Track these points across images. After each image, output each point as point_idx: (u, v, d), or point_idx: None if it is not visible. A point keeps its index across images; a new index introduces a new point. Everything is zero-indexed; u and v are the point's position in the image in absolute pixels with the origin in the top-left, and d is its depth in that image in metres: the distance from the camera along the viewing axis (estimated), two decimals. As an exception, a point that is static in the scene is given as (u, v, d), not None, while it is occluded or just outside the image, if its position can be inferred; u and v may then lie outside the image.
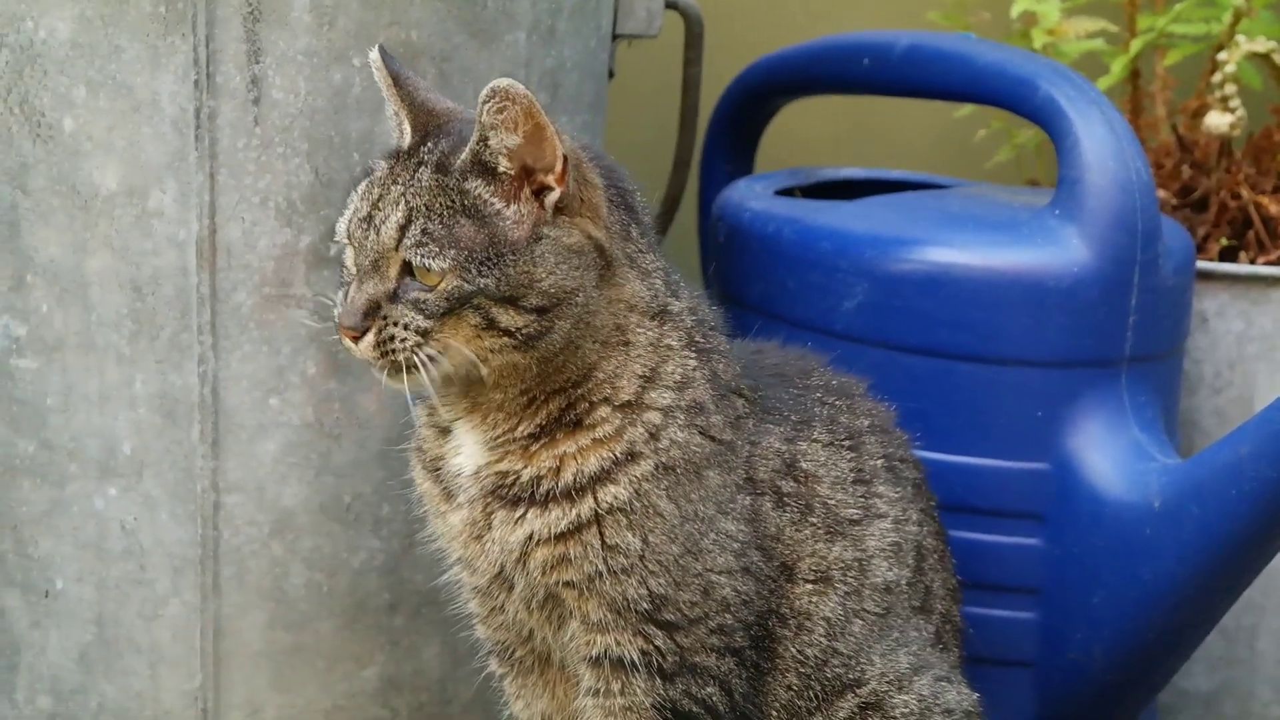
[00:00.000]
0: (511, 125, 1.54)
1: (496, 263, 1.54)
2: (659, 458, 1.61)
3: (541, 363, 1.58)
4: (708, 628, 1.64)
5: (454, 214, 1.55)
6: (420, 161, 1.58)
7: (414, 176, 1.57)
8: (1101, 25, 2.48)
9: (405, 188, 1.56)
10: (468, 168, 1.56)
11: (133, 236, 1.87)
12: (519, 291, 1.55)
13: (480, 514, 1.64)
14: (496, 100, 1.53)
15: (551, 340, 1.57)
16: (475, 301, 1.54)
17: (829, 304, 2.07)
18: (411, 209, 1.55)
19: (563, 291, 1.56)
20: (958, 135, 2.81)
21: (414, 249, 1.54)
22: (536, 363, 1.58)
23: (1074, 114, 2.03)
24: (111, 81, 1.84)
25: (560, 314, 1.57)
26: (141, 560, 1.94)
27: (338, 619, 1.98)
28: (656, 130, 2.59)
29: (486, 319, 1.55)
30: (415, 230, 1.54)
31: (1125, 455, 1.97)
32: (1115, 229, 1.99)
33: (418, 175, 1.57)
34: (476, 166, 1.56)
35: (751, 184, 2.35)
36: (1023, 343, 1.99)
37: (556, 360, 1.59)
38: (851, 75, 2.32)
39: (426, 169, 1.57)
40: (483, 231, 1.55)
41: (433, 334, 1.55)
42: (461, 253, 1.54)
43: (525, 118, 1.54)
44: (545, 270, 1.56)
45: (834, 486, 1.71)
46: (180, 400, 1.90)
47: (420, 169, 1.57)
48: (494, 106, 1.53)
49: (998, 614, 2.01)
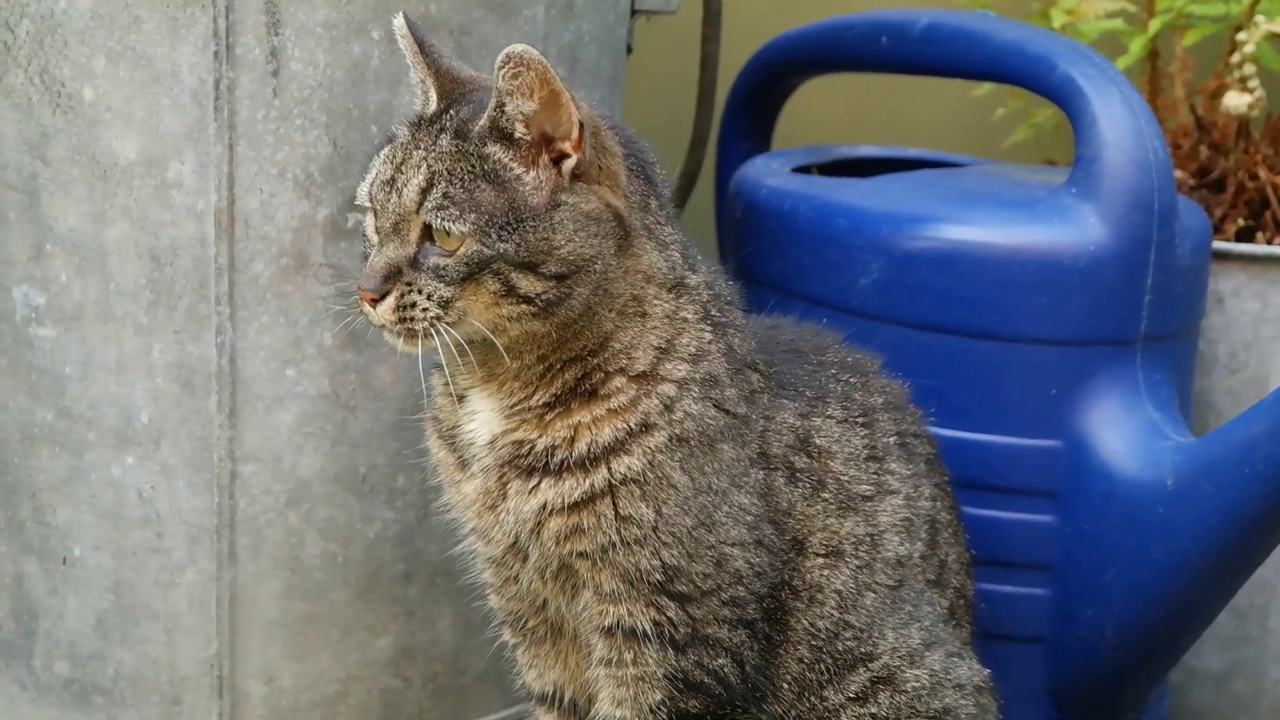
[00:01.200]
0: (527, 91, 1.54)
1: (516, 228, 1.54)
2: (673, 429, 1.61)
3: (560, 329, 1.59)
4: (720, 599, 1.64)
5: (474, 178, 1.55)
6: (442, 127, 1.59)
7: (435, 141, 1.58)
8: (1120, 5, 2.47)
9: (427, 152, 1.57)
10: (486, 133, 1.56)
11: (151, 207, 1.88)
12: (538, 258, 1.55)
13: (495, 483, 1.64)
14: (511, 66, 1.53)
15: (570, 307, 1.57)
16: (495, 267, 1.54)
17: (845, 281, 2.07)
18: (433, 173, 1.56)
19: (581, 258, 1.56)
20: (976, 114, 2.80)
21: (435, 212, 1.55)
22: (555, 329, 1.58)
23: (1092, 93, 2.03)
24: (131, 52, 1.84)
25: (579, 281, 1.57)
26: (158, 528, 1.95)
27: (352, 589, 1.99)
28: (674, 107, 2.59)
29: (506, 285, 1.55)
30: (436, 194, 1.55)
31: (1139, 434, 1.97)
32: (1132, 208, 1.98)
33: (439, 140, 1.57)
34: (494, 132, 1.56)
35: (769, 161, 2.35)
36: (1038, 321, 1.99)
37: (574, 327, 1.59)
38: (869, 53, 2.32)
39: (447, 134, 1.58)
40: (502, 196, 1.55)
41: (453, 302, 1.55)
42: (482, 217, 1.54)
43: (540, 83, 1.54)
44: (564, 237, 1.56)
45: (847, 463, 1.71)
46: (198, 370, 1.91)
47: (442, 134, 1.58)
48: (509, 72, 1.53)
49: (1010, 590, 2.01)
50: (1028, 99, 2.56)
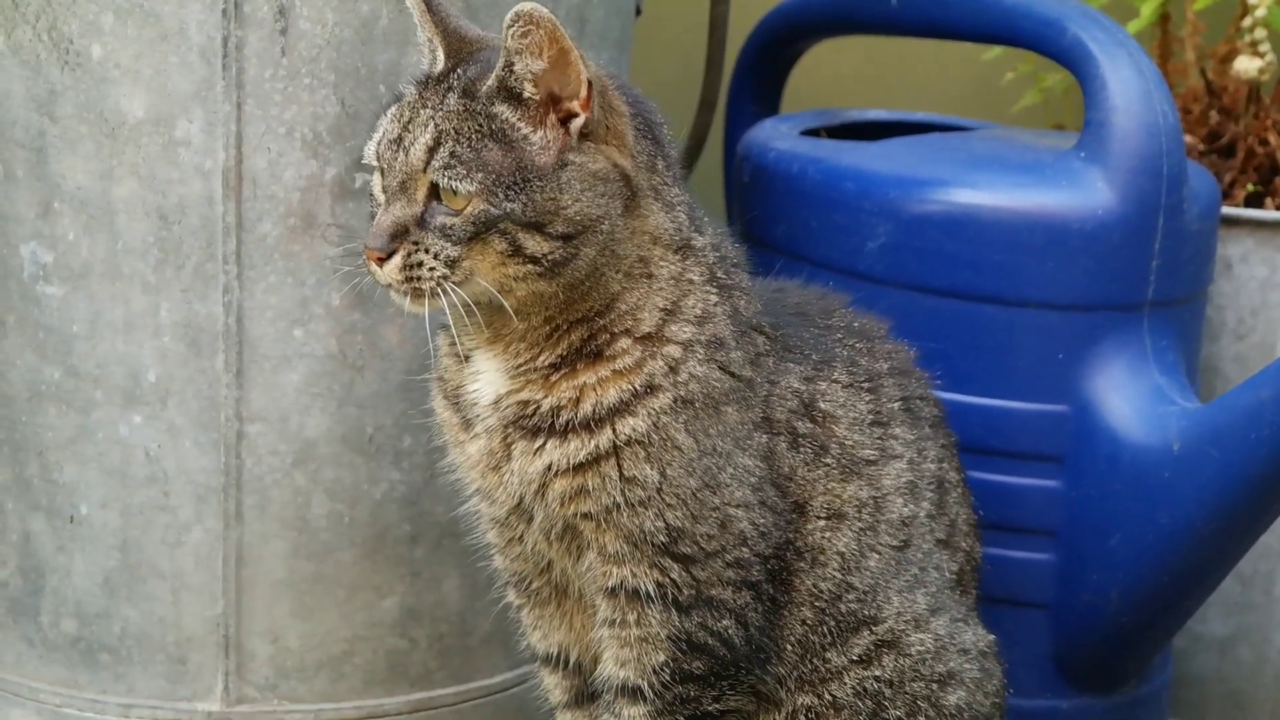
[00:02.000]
0: (536, 50, 1.54)
1: (523, 187, 1.54)
2: (678, 391, 1.61)
3: (567, 290, 1.58)
4: (724, 561, 1.64)
5: (481, 138, 1.55)
6: (450, 86, 1.58)
7: (443, 100, 1.57)
8: (1132, -32, 2.46)
9: (435, 111, 1.57)
10: (494, 93, 1.56)
11: (159, 165, 1.87)
12: (545, 218, 1.55)
13: (499, 444, 1.64)
14: (520, 24, 1.53)
15: (577, 267, 1.57)
16: (501, 226, 1.54)
17: (852, 244, 2.07)
18: (441, 131, 1.56)
19: (588, 218, 1.56)
20: (985, 78, 2.79)
21: (442, 171, 1.54)
22: (562, 290, 1.58)
23: (1102, 56, 2.03)
24: (140, 9, 1.84)
25: (586, 241, 1.57)
26: (165, 487, 1.95)
27: (358, 549, 1.99)
28: (683, 69, 2.58)
29: (513, 245, 1.55)
30: (444, 152, 1.55)
31: (1145, 399, 1.97)
32: (1140, 173, 1.98)
33: (446, 99, 1.57)
34: (503, 92, 1.56)
35: (777, 124, 2.35)
36: (1045, 285, 1.99)
37: (581, 288, 1.59)
38: (879, 15, 2.31)
39: (455, 93, 1.57)
40: (510, 156, 1.55)
41: (460, 262, 1.55)
42: (489, 176, 1.54)
43: (550, 42, 1.54)
44: (571, 197, 1.56)
45: (851, 428, 1.71)
46: (205, 329, 1.91)
47: (449, 93, 1.58)
48: (518, 31, 1.53)
49: (1015, 555, 2.02)
50: (1038, 63, 2.55)
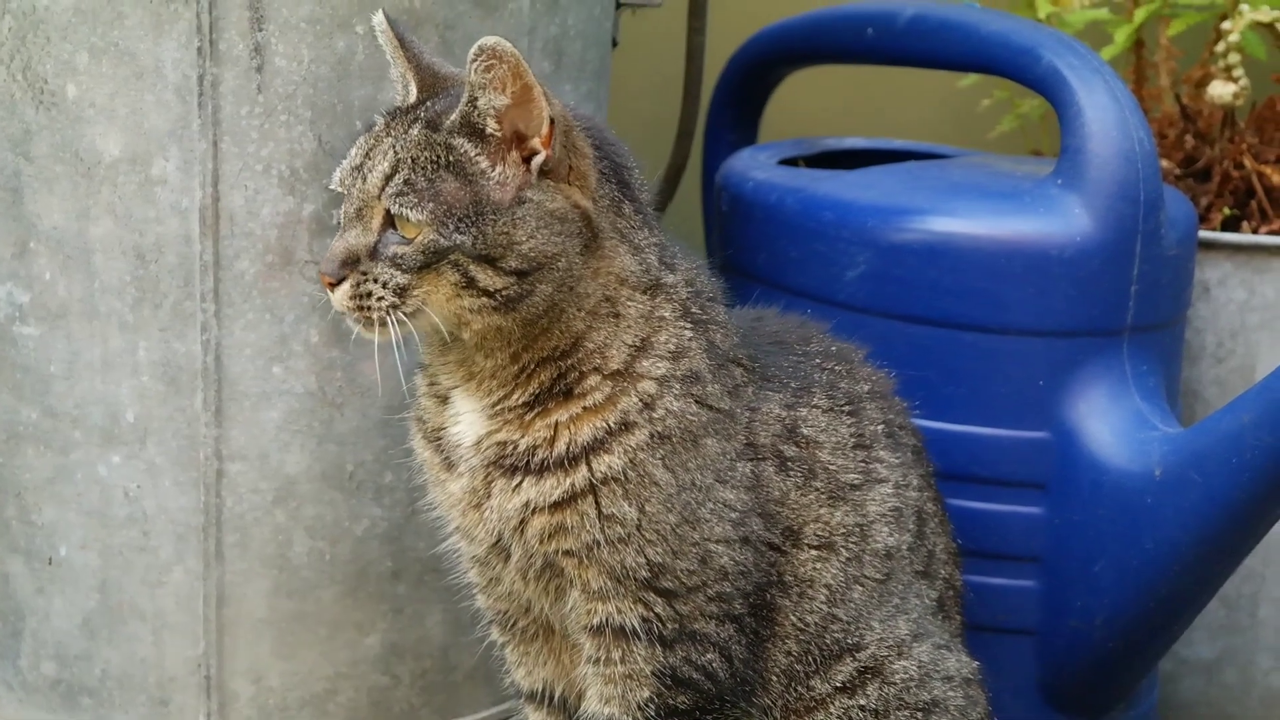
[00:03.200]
0: (499, 85, 1.54)
1: (475, 221, 1.54)
2: (654, 427, 1.60)
3: (524, 326, 1.58)
4: (706, 595, 1.64)
5: (438, 168, 1.55)
6: (416, 117, 1.59)
7: (407, 130, 1.58)
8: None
9: (396, 140, 1.58)
10: (455, 126, 1.56)
11: (136, 204, 1.87)
12: (497, 252, 1.55)
13: (481, 483, 1.64)
14: (484, 59, 1.53)
15: (533, 304, 1.57)
16: (453, 258, 1.54)
17: (831, 273, 2.07)
18: (398, 159, 1.56)
19: (543, 256, 1.56)
20: (961, 105, 2.79)
21: (395, 197, 1.55)
22: (519, 326, 1.58)
23: (1077, 83, 2.03)
24: (114, 48, 1.83)
25: (540, 278, 1.57)
26: (145, 527, 1.94)
27: (340, 586, 1.98)
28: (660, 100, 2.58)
29: (465, 277, 1.55)
30: (398, 180, 1.55)
31: (1127, 424, 1.96)
32: (1118, 198, 1.98)
33: (410, 130, 1.58)
34: (465, 126, 1.56)
35: (755, 154, 2.35)
36: (1025, 312, 1.99)
37: (540, 324, 1.59)
38: (855, 45, 2.32)
39: (419, 124, 1.58)
40: (465, 189, 1.55)
41: (410, 290, 1.55)
42: (440, 207, 1.54)
43: (513, 77, 1.54)
44: (525, 233, 1.55)
45: (835, 451, 1.71)
46: (183, 368, 1.90)
47: (414, 124, 1.58)
48: (481, 65, 1.53)
49: (999, 582, 2.01)
50: (1013, 89, 2.56)
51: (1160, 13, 2.43)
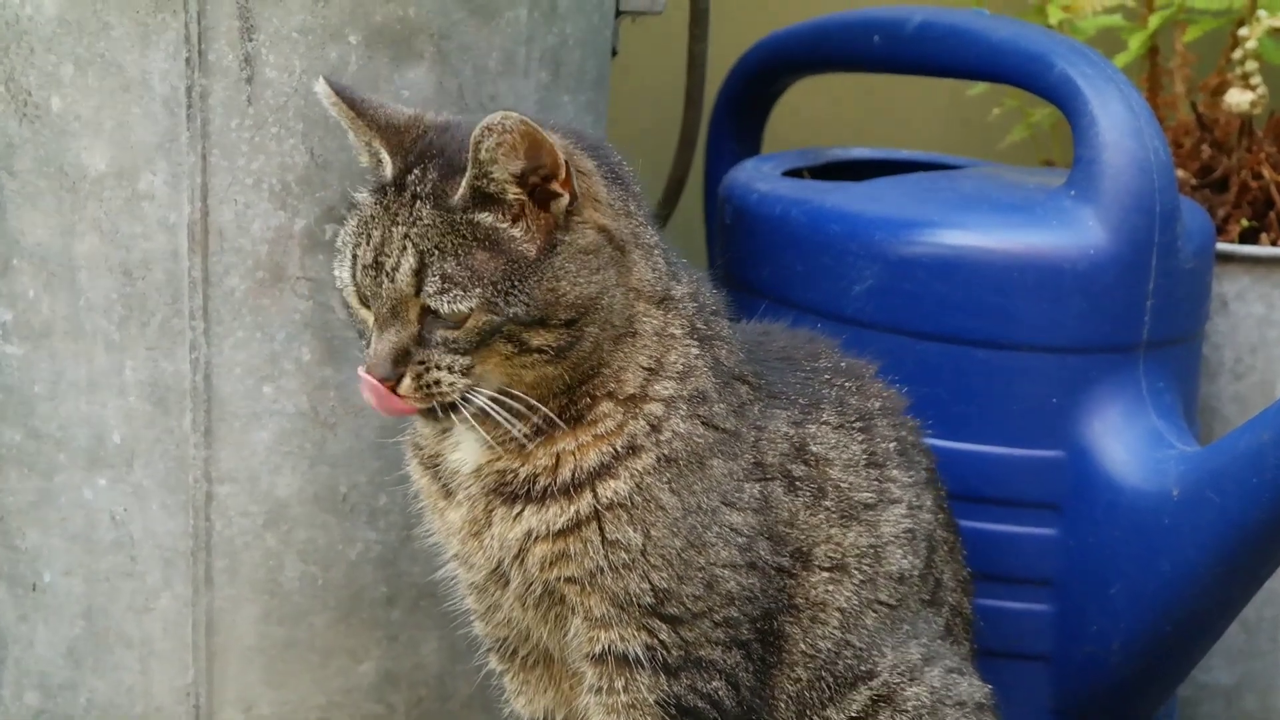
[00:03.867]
0: (510, 153, 1.53)
1: (520, 286, 1.53)
2: (661, 450, 1.60)
3: (572, 369, 1.58)
4: (712, 621, 1.64)
5: (468, 249, 1.53)
6: (415, 195, 1.56)
7: (412, 214, 1.55)
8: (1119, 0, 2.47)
9: (408, 228, 1.54)
10: (469, 201, 1.54)
11: (122, 219, 1.87)
12: (548, 310, 1.54)
13: (481, 511, 1.64)
14: (494, 138, 1.51)
15: (582, 348, 1.57)
16: (505, 330, 1.53)
17: (838, 288, 2.07)
18: (422, 253, 1.53)
19: (588, 298, 1.56)
20: (971, 114, 2.80)
21: (438, 297, 1.52)
22: (568, 370, 1.58)
23: (1090, 92, 2.03)
24: (100, 59, 1.83)
25: (589, 320, 1.57)
26: (132, 552, 1.93)
27: (333, 612, 1.98)
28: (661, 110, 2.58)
29: (519, 344, 1.54)
30: (434, 276, 1.53)
31: (1143, 443, 1.97)
32: (1133, 210, 1.98)
33: (416, 212, 1.55)
34: (479, 198, 1.54)
35: (759, 165, 2.34)
36: (1038, 327, 1.99)
37: (586, 363, 1.59)
38: (861, 53, 2.32)
39: (425, 204, 1.55)
40: (499, 259, 1.53)
41: (473, 369, 1.55)
42: (486, 288, 1.52)
43: (522, 140, 1.52)
44: (569, 281, 1.55)
45: (846, 469, 1.71)
46: (171, 388, 1.90)
47: (416, 204, 1.55)
48: (491, 144, 1.51)
49: (1012, 606, 2.01)
50: (1024, 98, 2.56)
51: (1175, 19, 2.44)
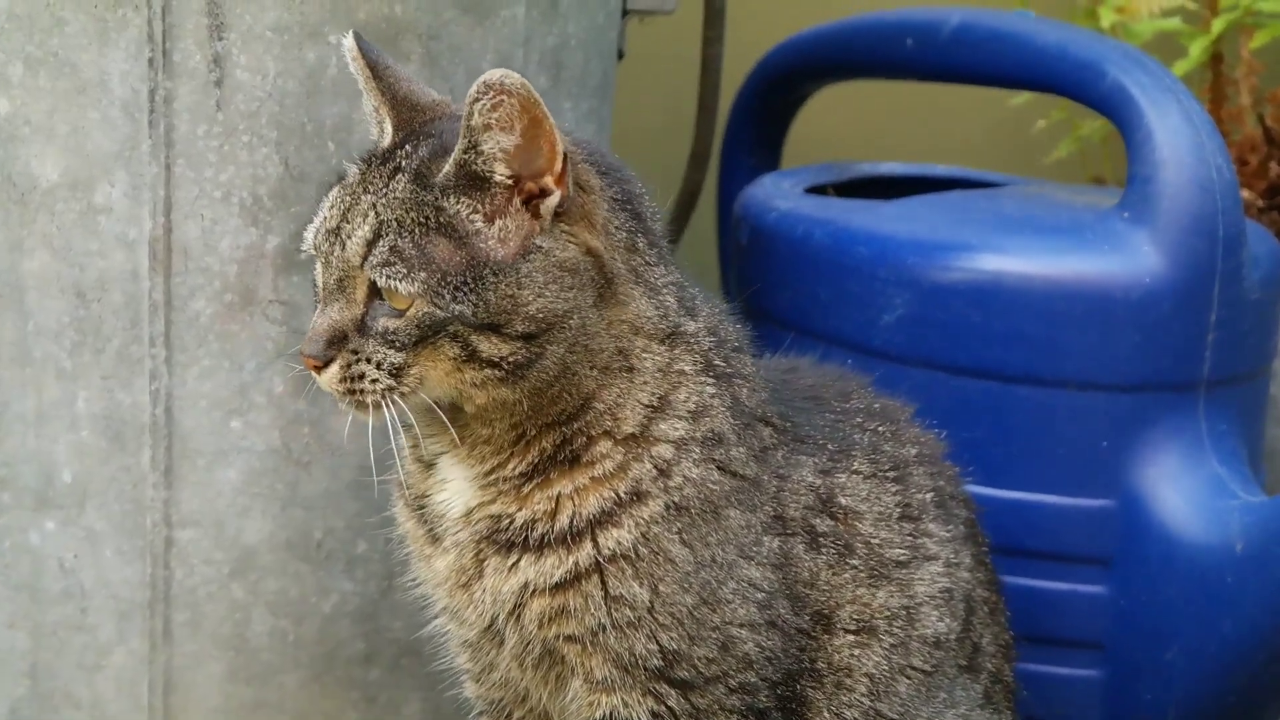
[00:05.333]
0: (507, 124, 1.52)
1: (475, 286, 1.52)
2: (670, 497, 1.59)
3: (533, 395, 1.57)
4: (727, 686, 1.62)
5: (427, 231, 1.53)
6: (397, 167, 1.56)
7: (388, 185, 1.55)
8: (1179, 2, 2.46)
9: (377, 197, 1.55)
10: (450, 181, 1.54)
11: (76, 235, 1.86)
12: (502, 317, 1.53)
13: (471, 560, 1.63)
14: (491, 96, 1.50)
15: (544, 369, 1.55)
16: (451, 329, 1.53)
17: (866, 317, 2.08)
18: (381, 223, 1.54)
19: (553, 314, 1.54)
20: (1013, 127, 2.81)
21: (380, 268, 1.53)
22: (528, 396, 1.57)
23: (1146, 103, 2.04)
24: (53, 58, 1.83)
25: (552, 339, 1.55)
26: (82, 603, 1.93)
27: (305, 671, 1.97)
28: (672, 118, 2.59)
29: (467, 349, 1.53)
30: (383, 248, 1.53)
31: (1203, 491, 1.97)
32: (1193, 234, 1.99)
33: (392, 184, 1.55)
34: (463, 179, 1.54)
35: (778, 180, 2.36)
36: (1087, 363, 2.00)
37: (550, 391, 1.57)
38: (893, 58, 2.34)
39: (403, 177, 1.55)
40: (461, 251, 1.53)
41: (407, 370, 1.54)
42: (434, 275, 1.52)
43: (522, 111, 1.51)
44: (532, 292, 1.54)
45: (877, 524, 1.70)
46: (129, 421, 1.89)
47: (396, 176, 1.56)
48: (487, 104, 1.50)
49: (1057, 671, 2.02)
50: (1072, 109, 2.57)
51: (1242, 22, 2.44)
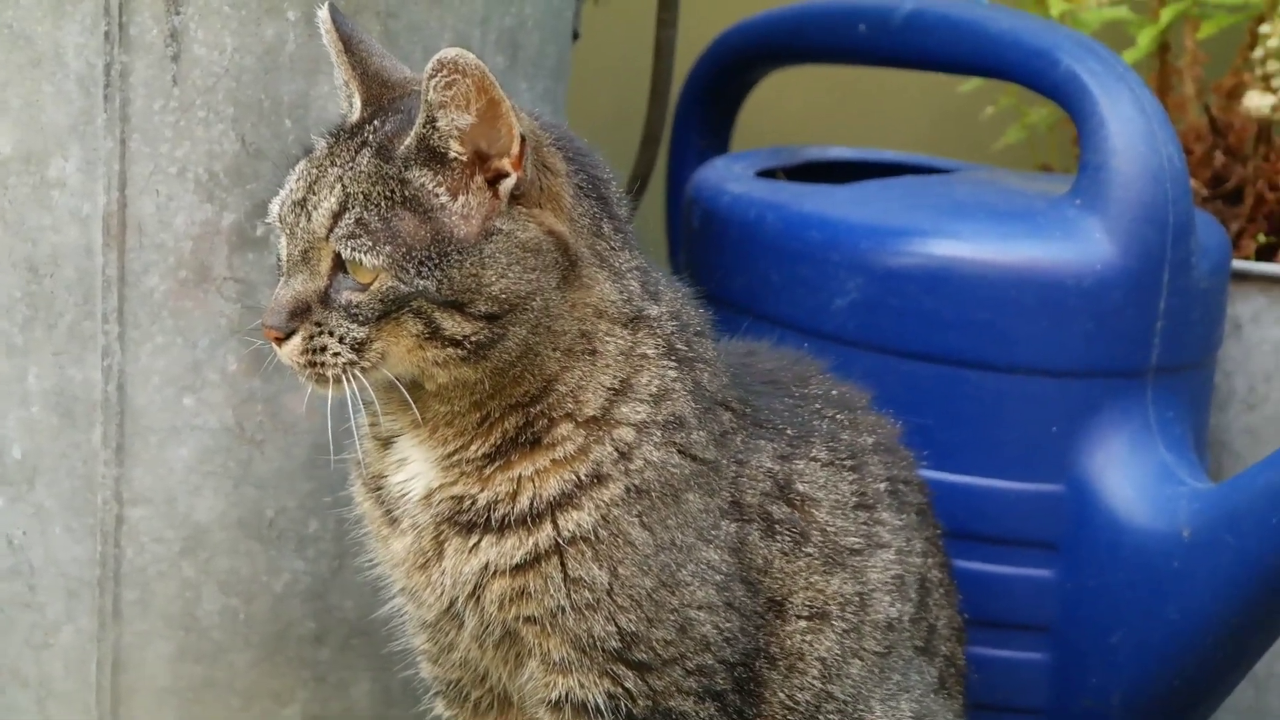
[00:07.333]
0: (463, 102, 1.53)
1: (439, 262, 1.53)
2: (630, 480, 1.60)
3: (495, 375, 1.57)
4: (684, 668, 1.63)
5: (393, 204, 1.54)
6: (364, 141, 1.57)
7: (354, 159, 1.56)
8: (1127, -10, 2.48)
9: (343, 170, 1.56)
10: (412, 154, 1.55)
11: (29, 209, 1.86)
12: (465, 296, 1.54)
13: (430, 542, 1.63)
14: (445, 74, 1.51)
15: (506, 349, 1.56)
16: (415, 305, 1.53)
17: (818, 301, 2.07)
18: (348, 195, 1.55)
19: (516, 295, 1.55)
20: (962, 112, 2.81)
21: (345, 240, 1.53)
22: (489, 376, 1.57)
23: (1099, 91, 2.04)
24: (8, 30, 1.82)
25: (514, 320, 1.56)
26: (30, 581, 1.93)
27: (256, 650, 1.97)
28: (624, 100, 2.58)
29: (430, 326, 1.54)
30: (349, 219, 1.54)
31: (1150, 477, 1.97)
32: (1144, 222, 1.99)
33: (359, 158, 1.56)
34: (423, 153, 1.55)
35: (730, 163, 2.35)
36: (1037, 349, 2.00)
37: (512, 372, 1.58)
38: (845, 42, 2.33)
39: (368, 151, 1.56)
40: (425, 226, 1.54)
41: (369, 345, 1.55)
42: (399, 249, 1.53)
43: (478, 92, 1.52)
44: (496, 272, 1.54)
45: (833, 512, 1.71)
46: (80, 398, 1.89)
47: (362, 150, 1.57)
48: (441, 81, 1.51)
49: (1004, 655, 2.01)
50: (1021, 96, 2.57)
51: (1188, 13, 2.45)
